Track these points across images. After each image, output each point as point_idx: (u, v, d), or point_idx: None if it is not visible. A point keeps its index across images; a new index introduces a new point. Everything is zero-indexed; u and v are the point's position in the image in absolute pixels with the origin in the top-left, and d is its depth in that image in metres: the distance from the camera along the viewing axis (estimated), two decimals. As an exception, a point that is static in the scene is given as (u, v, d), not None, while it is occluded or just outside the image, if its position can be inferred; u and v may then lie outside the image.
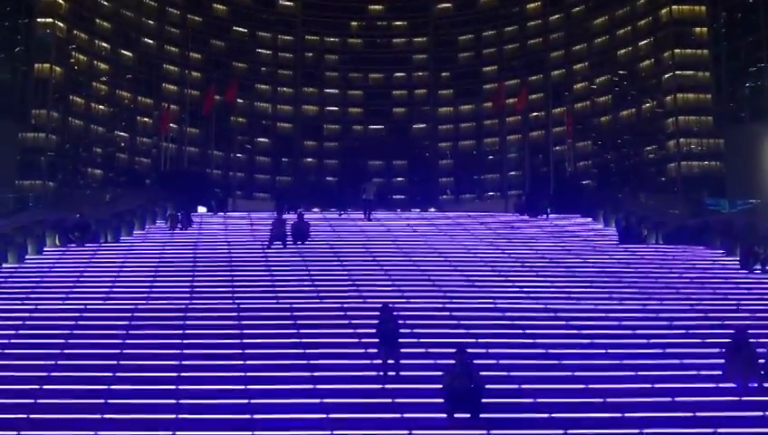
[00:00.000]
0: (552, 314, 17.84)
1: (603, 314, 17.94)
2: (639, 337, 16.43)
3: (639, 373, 14.55)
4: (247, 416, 12.52)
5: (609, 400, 13.39)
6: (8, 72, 48.66)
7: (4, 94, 47.37)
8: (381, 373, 14.16)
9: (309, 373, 14.25)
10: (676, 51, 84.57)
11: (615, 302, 19.14)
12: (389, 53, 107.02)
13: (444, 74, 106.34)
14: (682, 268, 23.35)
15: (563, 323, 17.23)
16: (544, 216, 34.90)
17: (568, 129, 53.75)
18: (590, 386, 13.98)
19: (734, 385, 13.88)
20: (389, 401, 13.18)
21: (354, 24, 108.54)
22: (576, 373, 14.50)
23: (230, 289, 20.00)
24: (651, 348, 15.87)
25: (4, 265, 22.56)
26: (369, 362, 14.68)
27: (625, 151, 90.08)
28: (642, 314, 18.02)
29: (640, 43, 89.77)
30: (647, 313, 18.16)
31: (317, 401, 13.08)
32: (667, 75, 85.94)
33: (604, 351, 15.66)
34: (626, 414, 12.81)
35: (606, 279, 21.69)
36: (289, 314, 17.38)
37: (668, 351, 15.69)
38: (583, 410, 12.97)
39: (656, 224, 30.49)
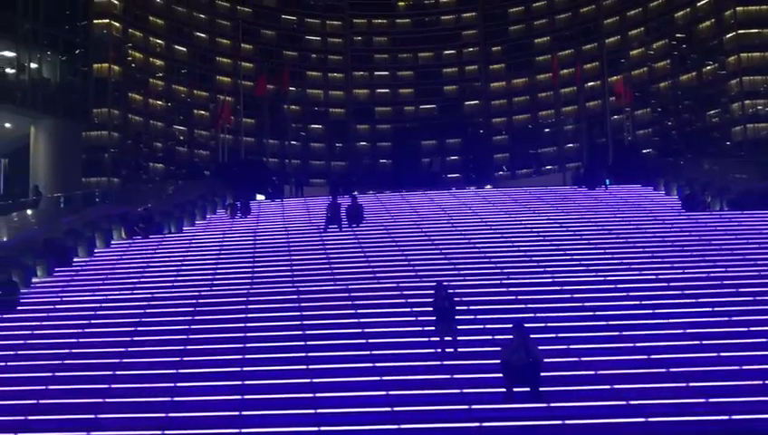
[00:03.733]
0: (612, 287, 17.54)
1: (665, 284, 17.54)
2: (703, 305, 16.03)
3: (704, 342, 14.23)
4: (310, 395, 12.84)
5: (672, 369, 13.15)
6: (71, 74, 50.33)
7: (68, 96, 49.08)
8: (439, 350, 14.27)
9: (368, 352, 14.48)
10: (738, 9, 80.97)
11: (678, 271, 18.68)
12: (439, 31, 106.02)
13: (495, 49, 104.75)
14: (748, 234, 22.57)
15: (624, 294, 16.94)
16: (603, 187, 34.21)
17: (625, 96, 52.18)
18: (653, 356, 13.76)
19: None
20: (448, 376, 13.29)
21: (401, 3, 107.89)
22: (638, 344, 14.28)
23: (289, 273, 20.42)
24: (716, 316, 15.47)
25: (75, 259, 23.59)
26: (426, 339, 14.81)
27: (686, 117, 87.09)
28: (706, 283, 17.54)
29: (699, 4, 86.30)
30: (711, 280, 17.67)
31: (376, 378, 13.29)
32: (729, 35, 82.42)
33: (667, 321, 15.35)
34: (690, 384, 12.57)
35: (668, 248, 21.18)
36: (346, 294, 17.63)
37: (734, 319, 15.26)
38: (646, 381, 12.79)
39: (720, 190, 29.55)
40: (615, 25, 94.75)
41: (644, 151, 72.36)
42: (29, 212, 34.34)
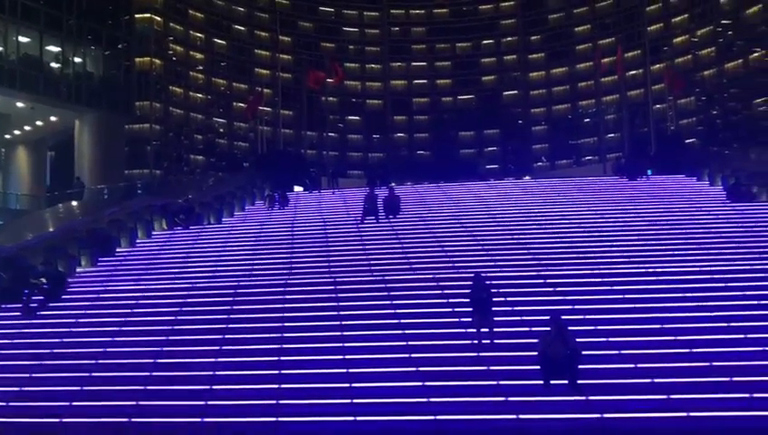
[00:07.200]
0: (653, 278, 17.21)
1: (709, 276, 17.13)
2: (748, 298, 15.61)
3: (749, 336, 13.87)
4: (346, 384, 12.90)
5: (715, 363, 12.86)
6: (113, 67, 51.37)
7: (111, 89, 50.12)
8: (476, 342, 14.19)
9: (404, 343, 14.48)
10: (788, -7, 78.40)
11: (722, 263, 18.22)
12: (477, 21, 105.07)
13: (534, 38, 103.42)
14: (797, 225, 21.89)
15: (666, 286, 16.59)
16: (645, 177, 33.57)
17: (670, 84, 50.90)
18: (695, 350, 13.47)
19: None
20: (485, 368, 13.22)
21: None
22: (680, 337, 13.99)
23: (326, 264, 20.51)
24: (761, 310, 15.04)
25: (118, 249, 24.09)
26: (463, 330, 14.73)
27: (732, 106, 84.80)
28: (752, 275, 17.07)
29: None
30: (756, 272, 17.19)
31: (413, 369, 13.29)
32: (777, 20, 79.88)
33: (710, 313, 15.00)
34: (733, 378, 12.28)
35: (712, 239, 20.69)
36: (383, 286, 17.64)
37: (781, 312, 14.84)
38: (687, 375, 12.54)
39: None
40: (657, 12, 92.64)
41: (687, 141, 70.69)
42: (74, 203, 35.21)
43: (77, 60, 47.81)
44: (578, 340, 12.56)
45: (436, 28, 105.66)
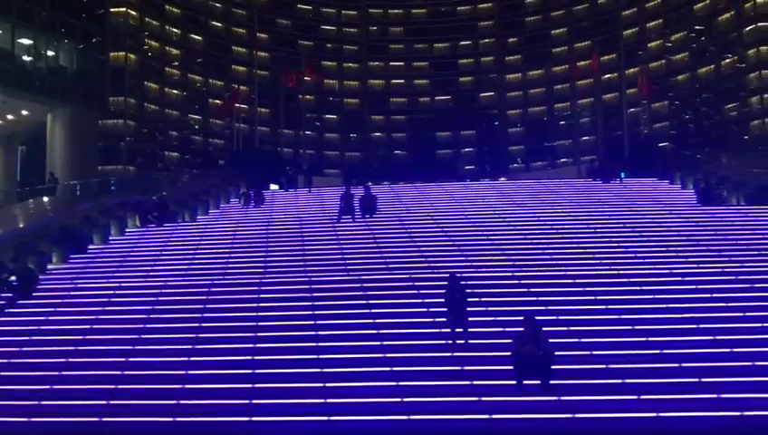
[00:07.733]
0: (625, 280, 17.44)
1: (680, 278, 17.40)
2: (717, 301, 15.90)
3: (718, 338, 14.12)
4: (320, 384, 12.88)
5: (684, 365, 13.07)
6: (87, 62, 50.61)
7: (84, 84, 49.39)
8: (450, 342, 14.26)
9: (379, 342, 14.50)
10: (758, 0, 79.89)
11: (692, 265, 18.52)
12: (455, 22, 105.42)
13: (511, 40, 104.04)
14: (764, 229, 22.32)
15: (637, 288, 16.83)
16: (618, 180, 33.99)
17: (644, 89, 51.55)
18: (666, 351, 13.68)
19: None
20: (458, 368, 13.29)
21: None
22: (650, 339, 14.20)
23: (302, 263, 20.45)
24: (730, 311, 15.34)
25: (90, 247, 23.77)
26: (437, 331, 14.80)
27: (704, 110, 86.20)
28: (721, 277, 17.38)
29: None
30: (725, 275, 17.50)
31: (387, 369, 13.31)
32: (748, 28, 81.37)
33: (680, 315, 15.23)
34: (702, 379, 12.50)
35: (683, 242, 21.02)
36: (359, 285, 17.64)
37: (748, 314, 15.12)
38: (658, 376, 12.72)
39: (737, 184, 29.22)
40: (633, 17, 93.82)
41: (660, 145, 71.75)
42: (45, 199, 34.63)
43: (50, 53, 47.02)
44: (551, 341, 12.68)
45: (414, 28, 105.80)
